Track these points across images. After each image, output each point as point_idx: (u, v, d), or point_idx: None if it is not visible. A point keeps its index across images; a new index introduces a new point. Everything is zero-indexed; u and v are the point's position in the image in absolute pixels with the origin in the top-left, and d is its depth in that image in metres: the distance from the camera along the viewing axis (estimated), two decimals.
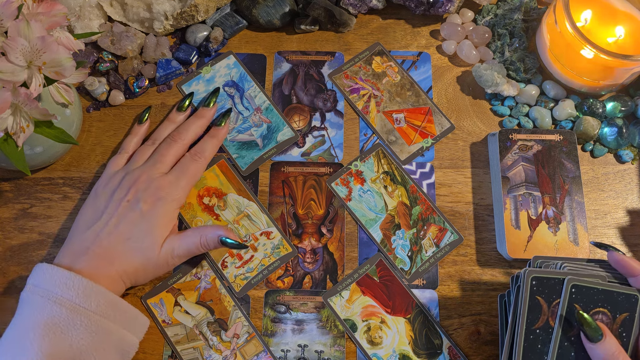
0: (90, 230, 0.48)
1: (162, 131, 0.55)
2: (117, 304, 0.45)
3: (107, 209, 0.49)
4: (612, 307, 0.41)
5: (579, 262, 0.45)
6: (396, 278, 0.53)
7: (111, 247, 0.48)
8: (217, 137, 0.56)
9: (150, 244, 0.48)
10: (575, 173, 0.55)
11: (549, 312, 0.42)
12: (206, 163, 0.54)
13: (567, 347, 0.41)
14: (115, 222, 0.48)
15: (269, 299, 0.52)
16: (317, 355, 0.51)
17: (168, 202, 0.50)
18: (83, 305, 0.43)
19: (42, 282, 0.44)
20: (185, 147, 0.54)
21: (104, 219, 0.49)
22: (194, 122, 0.55)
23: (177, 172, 0.52)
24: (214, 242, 0.49)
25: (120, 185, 0.50)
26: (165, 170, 0.52)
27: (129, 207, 0.49)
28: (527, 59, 0.60)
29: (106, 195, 0.50)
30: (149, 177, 0.50)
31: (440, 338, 0.51)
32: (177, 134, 0.54)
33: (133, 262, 0.48)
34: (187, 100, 0.57)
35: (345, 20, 0.62)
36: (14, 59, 0.41)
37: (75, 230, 0.49)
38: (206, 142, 0.55)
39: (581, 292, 0.41)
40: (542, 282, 0.42)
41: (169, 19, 0.60)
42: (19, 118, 0.44)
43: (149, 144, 0.54)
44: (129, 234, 0.48)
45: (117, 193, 0.50)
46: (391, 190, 0.56)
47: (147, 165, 0.52)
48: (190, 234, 0.50)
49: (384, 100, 0.60)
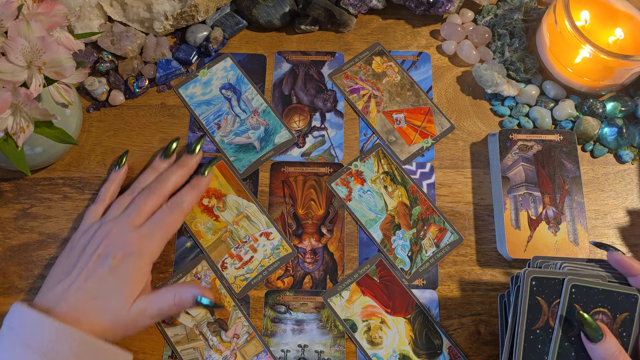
0: (60, 284, 0.46)
1: (143, 180, 0.52)
2: (92, 345, 0.43)
3: (78, 262, 0.47)
4: (612, 307, 0.41)
5: (579, 262, 0.45)
6: (396, 278, 0.53)
7: (78, 305, 0.45)
8: (198, 187, 0.52)
9: (118, 304, 0.45)
10: (576, 173, 0.55)
11: (549, 312, 0.42)
12: (184, 215, 0.51)
13: (567, 347, 0.41)
14: (84, 278, 0.46)
15: (269, 299, 0.52)
16: (317, 355, 0.50)
17: (139, 258, 0.47)
18: (56, 349, 0.41)
19: (15, 324, 0.42)
20: (164, 198, 0.51)
21: (74, 273, 0.46)
22: (175, 172, 0.52)
23: (151, 225, 0.48)
24: (189, 302, 0.47)
25: (92, 238, 0.48)
26: (139, 223, 0.49)
27: (99, 262, 0.46)
28: (527, 59, 0.60)
29: (79, 248, 0.48)
30: (120, 231, 0.47)
31: (440, 338, 0.51)
32: (156, 185, 0.51)
33: (101, 322, 0.45)
34: (172, 145, 0.54)
35: (345, 20, 0.62)
36: (14, 59, 0.41)
37: (49, 282, 0.47)
38: (186, 192, 0.51)
39: (581, 292, 0.41)
40: (542, 283, 0.42)
41: (169, 19, 0.60)
42: (19, 118, 0.44)
43: (128, 193, 0.51)
44: (96, 292, 0.45)
45: (89, 247, 0.47)
46: (391, 191, 0.56)
47: (121, 217, 0.49)
48: (164, 292, 0.47)
49: (384, 100, 0.60)
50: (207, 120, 0.59)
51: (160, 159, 0.54)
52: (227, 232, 0.54)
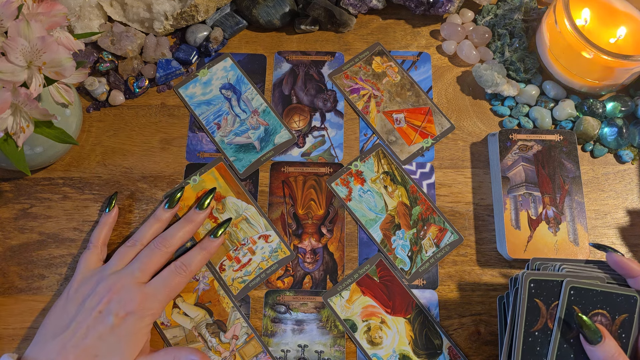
0: (57, 339, 0.44)
1: (145, 231, 0.50)
2: None
3: (77, 317, 0.45)
4: (611, 309, 0.41)
5: (578, 264, 0.45)
6: (396, 278, 0.53)
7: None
8: (208, 249, 0.50)
9: None
10: (576, 173, 0.55)
11: (548, 315, 0.42)
12: (191, 276, 0.49)
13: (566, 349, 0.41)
14: (83, 334, 0.44)
15: (269, 299, 0.52)
16: (317, 355, 0.50)
17: (142, 318, 0.45)
18: None
19: None
20: (170, 255, 0.50)
21: (73, 328, 0.44)
22: (182, 228, 0.50)
23: (156, 284, 0.47)
24: None
25: (93, 291, 0.46)
26: (144, 280, 0.47)
27: (100, 318, 0.44)
28: (527, 59, 0.60)
29: (78, 300, 0.46)
30: (124, 287, 0.46)
31: (440, 338, 0.51)
32: (162, 241, 0.49)
33: None
34: (177, 194, 0.52)
35: (345, 20, 0.62)
36: (14, 59, 0.41)
37: (43, 334, 0.45)
38: (196, 253, 0.50)
39: (580, 294, 0.41)
40: (540, 285, 0.42)
41: (169, 19, 0.60)
42: (19, 118, 0.44)
43: (130, 245, 0.49)
44: (96, 350, 0.43)
45: (89, 301, 0.45)
46: (391, 191, 0.56)
47: (125, 272, 0.47)
48: (162, 355, 0.46)
49: (384, 100, 0.60)
50: (207, 120, 0.59)
51: (164, 208, 0.52)
52: (225, 234, 0.54)
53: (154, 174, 0.57)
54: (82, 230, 0.54)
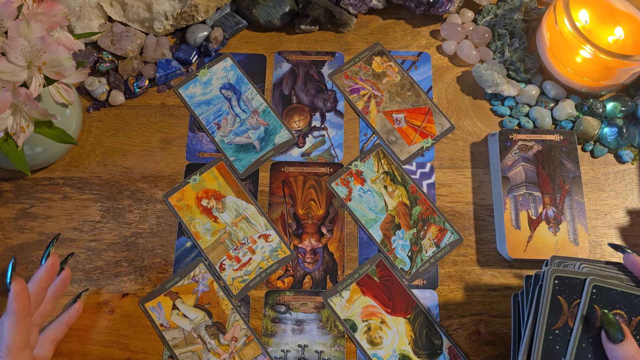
0: None
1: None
2: None
3: None
4: (628, 310, 0.41)
5: (597, 264, 0.44)
6: (396, 278, 0.53)
7: None
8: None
9: None
10: (576, 173, 0.55)
11: (569, 313, 0.41)
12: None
13: (584, 348, 0.41)
14: None
15: (269, 299, 0.52)
16: (317, 355, 0.50)
17: None
18: None
19: None
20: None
21: None
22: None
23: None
24: None
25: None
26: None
27: None
28: (527, 59, 0.60)
29: None
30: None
31: (440, 338, 0.51)
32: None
33: None
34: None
35: (345, 20, 0.62)
36: (14, 59, 0.41)
37: None
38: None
39: (601, 293, 0.41)
40: (564, 282, 0.41)
41: (169, 19, 0.60)
42: (19, 118, 0.44)
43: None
44: None
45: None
46: (391, 190, 0.56)
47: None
48: None
49: (384, 100, 0.60)
50: (207, 120, 0.59)
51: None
52: (225, 233, 0.54)
53: (154, 174, 0.57)
54: (82, 230, 0.54)
